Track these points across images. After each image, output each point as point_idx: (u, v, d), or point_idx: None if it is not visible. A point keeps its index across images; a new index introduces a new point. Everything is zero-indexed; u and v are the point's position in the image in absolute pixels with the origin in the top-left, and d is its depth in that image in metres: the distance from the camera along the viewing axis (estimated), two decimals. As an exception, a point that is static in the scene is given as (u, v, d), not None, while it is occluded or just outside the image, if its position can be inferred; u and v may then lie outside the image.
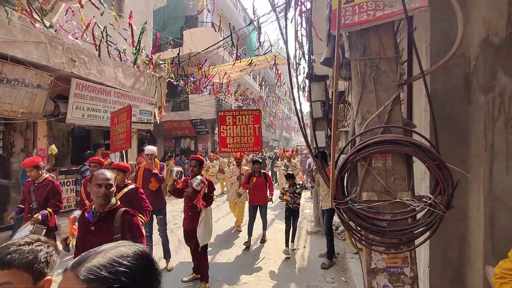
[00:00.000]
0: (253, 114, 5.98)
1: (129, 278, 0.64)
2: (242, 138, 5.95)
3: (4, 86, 5.54)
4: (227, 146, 6.01)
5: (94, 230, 2.29)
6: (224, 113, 6.13)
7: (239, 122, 5.95)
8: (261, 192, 6.23)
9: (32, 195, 4.14)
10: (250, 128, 5.94)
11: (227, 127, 5.97)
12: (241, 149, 6.06)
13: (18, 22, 5.54)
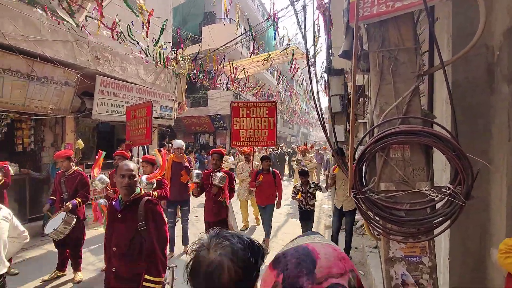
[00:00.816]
0: (268, 106, 5.62)
1: None
2: (256, 132, 5.59)
3: (34, 84, 5.85)
4: (240, 139, 5.66)
5: (120, 217, 2.43)
6: (238, 104, 5.77)
7: (253, 115, 5.60)
8: (268, 191, 5.61)
9: (62, 186, 4.40)
10: (265, 121, 5.58)
11: (241, 119, 5.62)
12: (255, 143, 5.69)
13: (47, 22, 5.82)
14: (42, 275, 4.42)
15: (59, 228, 3.97)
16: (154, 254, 2.28)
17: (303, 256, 0.63)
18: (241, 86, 10.84)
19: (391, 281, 1.84)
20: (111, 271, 2.36)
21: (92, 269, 4.76)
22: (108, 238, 2.43)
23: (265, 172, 5.66)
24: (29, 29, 5.56)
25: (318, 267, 0.60)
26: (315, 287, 0.57)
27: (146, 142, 5.56)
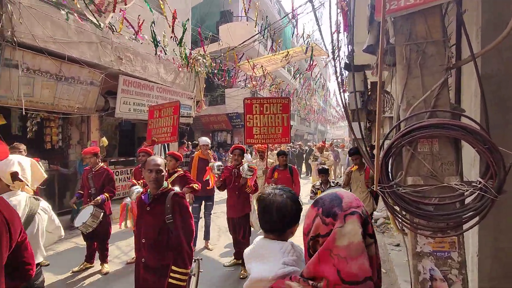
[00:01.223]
0: (282, 103, 5.47)
1: None
2: (270, 129, 5.44)
3: (62, 84, 6.10)
4: (253, 137, 5.51)
5: (149, 210, 2.52)
6: (251, 100, 5.62)
7: (266, 111, 5.45)
8: None
9: (90, 182, 4.58)
10: (279, 118, 5.42)
11: (254, 116, 5.48)
12: (269, 141, 5.52)
13: (73, 24, 6.05)
14: (72, 266, 4.62)
15: (87, 221, 4.14)
16: (181, 246, 2.35)
17: (333, 197, 0.98)
18: (259, 84, 10.87)
19: (419, 276, 1.83)
20: (140, 262, 2.45)
21: (117, 262, 4.93)
22: (138, 229, 2.53)
23: (282, 169, 5.47)
24: (57, 31, 5.80)
25: (343, 202, 0.94)
26: (343, 213, 0.92)
27: (172, 140, 5.69)
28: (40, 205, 2.20)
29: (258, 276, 1.12)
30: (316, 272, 0.93)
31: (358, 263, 0.86)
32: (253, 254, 1.23)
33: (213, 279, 4.31)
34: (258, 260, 1.19)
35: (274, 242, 1.21)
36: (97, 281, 4.34)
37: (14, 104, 5.46)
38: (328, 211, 0.93)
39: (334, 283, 0.87)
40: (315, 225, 0.96)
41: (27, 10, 5.21)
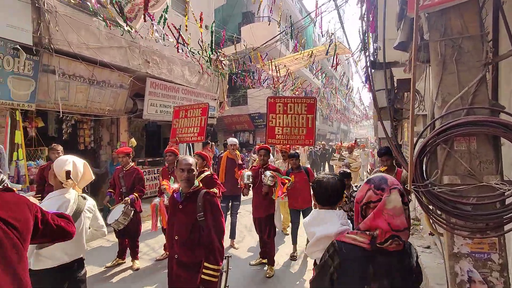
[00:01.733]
0: (307, 102, 5.18)
1: None
2: (293, 129, 5.17)
3: (94, 87, 6.40)
4: (275, 137, 5.28)
5: (181, 208, 2.60)
6: (274, 99, 5.40)
7: (290, 111, 5.19)
8: (304, 192, 4.83)
9: (121, 181, 4.77)
10: (303, 118, 5.13)
11: (277, 116, 5.26)
12: (291, 142, 5.25)
13: (104, 30, 6.32)
14: (105, 262, 4.83)
15: (119, 219, 4.31)
16: (212, 243, 2.40)
17: (381, 177, 1.41)
18: (282, 84, 10.86)
19: (456, 278, 1.78)
20: (173, 258, 2.53)
21: (147, 259, 5.10)
22: (171, 227, 2.62)
23: (296, 171, 4.94)
24: (90, 38, 6.08)
25: (388, 181, 1.37)
26: (388, 187, 1.34)
27: (199, 140, 5.82)
28: (87, 204, 2.33)
29: (325, 234, 1.55)
30: (372, 225, 1.35)
31: (400, 219, 1.31)
32: (315, 221, 1.69)
33: (240, 277, 4.37)
34: (321, 224, 1.64)
35: (330, 211, 1.70)
36: (128, 277, 4.51)
37: (51, 107, 5.79)
38: (378, 186, 1.38)
39: (386, 231, 1.30)
40: (367, 196, 1.41)
41: (63, 18, 5.51)
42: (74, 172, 2.28)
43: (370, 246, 1.34)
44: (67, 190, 2.27)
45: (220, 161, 5.78)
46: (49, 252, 2.10)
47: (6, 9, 4.76)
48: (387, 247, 1.31)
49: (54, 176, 2.26)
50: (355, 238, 1.38)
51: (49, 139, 6.37)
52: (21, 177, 5.22)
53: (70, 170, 2.24)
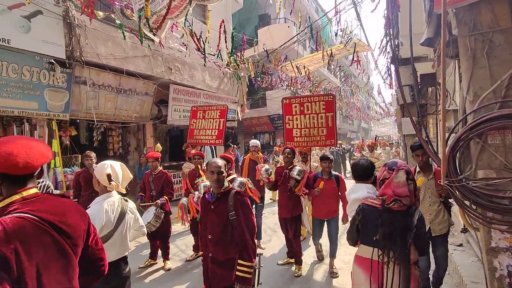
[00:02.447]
0: (325, 100, 4.88)
1: None
2: (312, 130, 4.90)
3: (122, 96, 6.68)
4: (294, 140, 5.05)
5: (213, 208, 2.70)
6: (289, 100, 5.12)
7: (307, 111, 4.93)
8: (330, 201, 4.39)
9: (151, 185, 4.96)
10: (322, 118, 4.85)
11: (294, 117, 5.02)
12: (311, 143, 4.98)
13: (129, 41, 6.60)
14: (137, 263, 5.02)
15: (151, 221, 4.49)
16: (245, 240, 2.49)
17: (393, 162, 2.06)
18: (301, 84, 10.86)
19: (495, 272, 1.77)
20: (207, 256, 2.64)
21: (177, 259, 5.26)
22: (204, 226, 2.73)
23: (326, 177, 4.46)
24: (116, 49, 6.37)
25: (397, 164, 2.02)
26: (397, 168, 1.99)
27: (217, 143, 5.85)
28: (129, 205, 2.49)
29: (356, 197, 2.36)
30: (382, 193, 2.04)
31: (402, 189, 1.94)
32: (352, 191, 2.52)
33: (267, 276, 4.43)
34: (356, 192, 2.44)
35: (363, 184, 2.48)
36: (160, 277, 4.67)
37: (83, 116, 6.10)
38: (390, 167, 2.05)
39: (391, 196, 1.97)
40: (383, 174, 2.09)
41: (92, 32, 5.81)
42: (114, 174, 2.43)
43: (381, 206, 2.06)
44: (111, 194, 2.43)
45: (242, 163, 5.87)
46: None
47: (41, 26, 5.08)
48: (392, 207, 2.00)
49: (98, 182, 2.43)
50: (373, 201, 2.14)
51: (81, 147, 6.70)
52: (59, 183, 5.53)
53: (110, 173, 2.40)
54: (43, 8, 5.07)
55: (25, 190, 1.26)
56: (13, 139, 1.31)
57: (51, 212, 1.28)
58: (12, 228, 1.13)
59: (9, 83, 4.86)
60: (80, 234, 1.39)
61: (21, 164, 1.21)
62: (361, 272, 2.16)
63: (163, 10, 4.04)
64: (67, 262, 1.30)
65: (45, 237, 1.22)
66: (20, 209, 1.20)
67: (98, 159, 6.85)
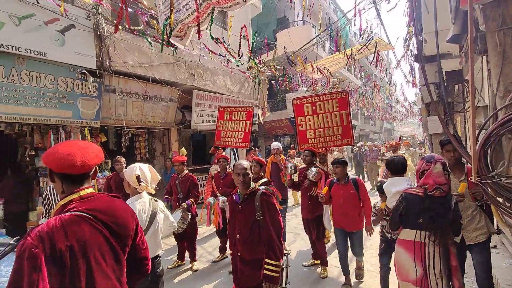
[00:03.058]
0: (338, 98, 4.64)
1: None
2: (327, 130, 4.68)
3: (148, 102, 6.95)
4: (308, 141, 4.83)
5: (241, 209, 2.77)
6: (300, 100, 4.92)
7: (320, 110, 4.71)
8: (351, 210, 3.85)
9: (178, 187, 5.12)
10: (336, 116, 4.61)
11: (306, 118, 4.82)
12: (327, 144, 4.75)
13: (154, 49, 6.86)
14: (166, 264, 5.18)
15: (178, 223, 4.63)
16: (272, 240, 2.54)
17: (430, 155, 2.47)
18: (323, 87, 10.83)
19: (532, 271, 1.73)
20: (236, 255, 2.71)
21: (204, 260, 5.38)
22: (232, 226, 2.81)
23: (342, 183, 3.91)
24: (142, 57, 6.65)
25: (435, 157, 2.39)
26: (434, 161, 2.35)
27: (244, 146, 5.89)
28: (159, 205, 2.62)
29: (398, 190, 2.69)
30: (424, 183, 2.36)
31: (441, 178, 2.27)
32: (392, 184, 2.86)
33: (293, 277, 4.45)
34: (396, 185, 2.79)
35: (400, 178, 2.92)
36: (188, 277, 4.80)
37: (112, 123, 6.40)
38: (428, 160, 2.40)
39: (432, 185, 2.29)
40: (422, 167, 2.46)
41: (120, 42, 6.10)
42: (143, 175, 2.56)
43: (423, 194, 2.37)
44: (141, 195, 2.57)
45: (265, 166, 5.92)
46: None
47: (74, 39, 5.40)
48: (434, 194, 2.30)
49: (128, 184, 2.57)
50: (415, 190, 2.45)
51: (110, 152, 7.02)
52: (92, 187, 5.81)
53: (139, 174, 2.53)
54: (75, 22, 5.40)
55: (82, 189, 1.38)
56: (70, 143, 1.43)
57: (104, 212, 1.38)
58: (70, 225, 1.24)
59: (46, 93, 5.20)
60: (129, 234, 1.48)
61: (79, 163, 1.33)
62: (405, 252, 2.48)
63: (187, 19, 4.20)
64: (117, 260, 1.39)
65: (98, 236, 1.32)
66: (78, 207, 1.31)
67: (127, 164, 7.16)
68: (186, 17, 4.17)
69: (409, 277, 2.43)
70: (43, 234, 1.18)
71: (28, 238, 1.16)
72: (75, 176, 1.36)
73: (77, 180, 1.38)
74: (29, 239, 1.16)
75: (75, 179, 1.37)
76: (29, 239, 1.16)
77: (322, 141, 4.75)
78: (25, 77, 4.94)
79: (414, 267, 2.37)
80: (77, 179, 1.38)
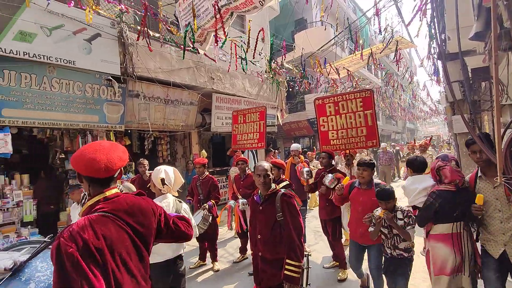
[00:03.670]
0: (362, 97, 4.44)
1: None
2: (350, 131, 4.49)
3: (169, 106, 7.15)
4: (330, 143, 4.68)
5: (261, 209, 2.81)
6: (322, 100, 4.75)
7: (343, 110, 4.54)
8: None
9: (199, 189, 5.22)
10: (360, 116, 4.41)
11: (328, 118, 4.66)
12: (350, 145, 4.54)
13: (175, 54, 7.06)
14: (188, 264, 5.29)
15: (200, 224, 4.72)
16: (293, 241, 2.56)
17: (444, 155, 2.85)
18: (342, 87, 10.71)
19: None
20: (257, 255, 2.75)
21: (225, 261, 5.45)
22: (253, 227, 2.85)
23: (364, 188, 3.44)
24: (163, 63, 6.85)
25: (449, 156, 2.78)
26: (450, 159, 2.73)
27: (260, 146, 5.90)
28: (182, 206, 2.71)
29: (424, 187, 2.87)
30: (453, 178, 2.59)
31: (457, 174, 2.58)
32: (415, 182, 3.00)
33: (314, 279, 4.43)
34: (420, 182, 2.95)
35: (423, 175, 3.10)
36: (210, 277, 4.88)
37: (136, 127, 6.64)
38: (444, 159, 2.72)
39: (461, 180, 2.58)
40: (437, 164, 2.72)
41: (142, 48, 6.31)
42: (167, 178, 2.66)
43: (455, 188, 2.56)
44: (166, 196, 2.67)
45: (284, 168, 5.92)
46: (157, 248, 2.47)
47: (100, 47, 5.66)
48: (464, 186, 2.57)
49: (153, 185, 2.68)
50: (446, 186, 2.61)
51: (134, 155, 7.26)
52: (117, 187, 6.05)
53: (163, 177, 2.63)
54: (101, 30, 5.65)
55: (108, 190, 1.47)
56: (95, 145, 1.51)
57: (128, 213, 1.46)
58: (98, 224, 1.33)
59: (75, 99, 5.48)
60: (151, 233, 1.56)
61: (103, 168, 1.42)
62: (443, 246, 2.63)
63: (207, 24, 4.31)
64: (141, 259, 1.47)
65: (124, 235, 1.40)
66: (104, 208, 1.40)
67: (150, 166, 7.38)
68: (206, 22, 4.28)
69: (446, 268, 2.60)
70: (74, 233, 1.26)
71: (61, 239, 1.23)
72: (101, 179, 1.45)
73: (103, 182, 1.47)
74: (62, 240, 1.23)
75: (101, 182, 1.46)
76: (62, 240, 1.23)
77: (345, 142, 4.56)
78: (55, 85, 5.23)
79: (454, 257, 2.56)
80: (103, 182, 1.47)
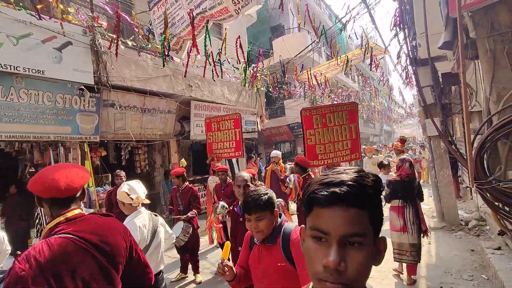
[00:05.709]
0: (347, 110, 4.47)
1: None
2: (337, 144, 4.42)
3: (146, 115, 6.98)
4: (318, 157, 4.53)
5: (242, 221, 2.77)
6: (310, 111, 4.61)
7: (330, 123, 4.44)
8: None
9: (178, 199, 5.11)
10: (346, 129, 4.38)
11: (315, 131, 4.49)
12: (337, 159, 4.50)
13: (151, 62, 6.92)
14: (169, 277, 5.14)
15: (180, 235, 4.60)
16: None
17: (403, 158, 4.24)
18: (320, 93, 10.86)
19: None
20: (239, 267, 2.70)
21: (207, 272, 5.34)
22: (234, 239, 2.80)
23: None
24: (139, 71, 6.69)
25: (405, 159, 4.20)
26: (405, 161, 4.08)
27: (237, 155, 5.82)
28: (159, 220, 2.61)
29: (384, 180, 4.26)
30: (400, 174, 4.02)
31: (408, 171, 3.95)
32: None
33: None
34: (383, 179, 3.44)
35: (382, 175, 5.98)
36: (192, 290, 4.76)
37: (111, 137, 6.42)
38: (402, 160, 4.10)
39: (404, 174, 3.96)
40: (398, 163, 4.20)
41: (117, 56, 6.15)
42: (131, 189, 2.54)
43: (400, 179, 3.95)
44: (139, 211, 2.55)
45: (265, 174, 5.91)
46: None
47: (71, 56, 5.45)
48: (405, 179, 3.89)
49: (122, 203, 2.54)
50: (395, 178, 4.10)
51: (110, 166, 7.01)
52: (92, 202, 5.81)
53: (126, 190, 2.51)
54: (72, 39, 5.45)
55: (69, 211, 1.40)
56: (54, 167, 1.49)
57: (92, 232, 1.38)
58: (57, 248, 1.25)
59: (45, 110, 5.23)
60: (120, 253, 1.47)
61: (63, 187, 1.36)
62: (394, 213, 4.07)
63: (182, 32, 4.25)
64: (109, 281, 1.38)
65: (86, 256, 1.32)
66: (65, 229, 1.33)
67: (127, 177, 7.16)
68: (181, 30, 4.22)
69: (396, 227, 4.04)
70: (29, 257, 1.20)
71: (16, 262, 1.19)
72: (62, 200, 1.40)
73: (64, 203, 1.41)
74: (16, 263, 1.18)
75: (62, 202, 1.40)
76: (16, 263, 1.18)
77: (332, 156, 4.46)
78: (23, 96, 4.98)
79: (398, 220, 4.01)
80: (64, 202, 1.41)
